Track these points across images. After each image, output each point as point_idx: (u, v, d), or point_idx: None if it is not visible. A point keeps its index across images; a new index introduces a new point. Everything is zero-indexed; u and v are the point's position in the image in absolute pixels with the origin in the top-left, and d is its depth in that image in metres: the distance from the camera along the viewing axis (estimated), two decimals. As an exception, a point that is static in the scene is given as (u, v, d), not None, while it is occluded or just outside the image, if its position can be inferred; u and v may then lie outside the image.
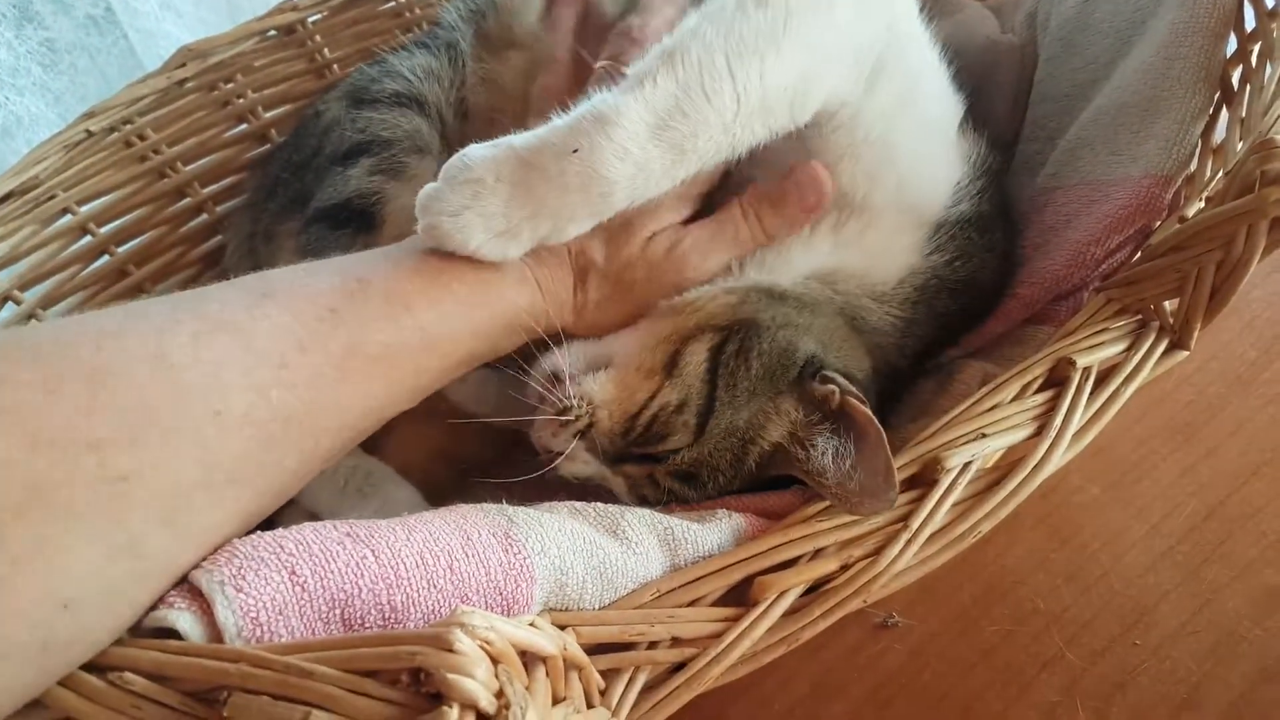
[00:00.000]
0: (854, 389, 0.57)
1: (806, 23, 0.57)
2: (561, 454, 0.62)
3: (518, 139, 0.55)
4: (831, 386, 0.57)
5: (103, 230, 0.96)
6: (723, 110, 0.56)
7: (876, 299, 0.65)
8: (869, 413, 0.54)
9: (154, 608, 0.38)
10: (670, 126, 0.55)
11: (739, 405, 0.59)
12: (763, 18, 0.57)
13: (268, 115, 1.07)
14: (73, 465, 0.37)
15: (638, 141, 0.55)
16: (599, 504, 0.52)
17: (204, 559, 0.41)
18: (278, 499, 0.48)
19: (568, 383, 0.61)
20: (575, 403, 0.61)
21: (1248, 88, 0.63)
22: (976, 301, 0.68)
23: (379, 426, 0.54)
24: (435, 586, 0.40)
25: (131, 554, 0.39)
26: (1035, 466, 0.52)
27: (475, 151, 0.55)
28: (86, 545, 0.37)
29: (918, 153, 0.65)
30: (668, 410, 0.59)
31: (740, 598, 0.49)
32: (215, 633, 0.36)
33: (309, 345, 0.48)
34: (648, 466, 0.61)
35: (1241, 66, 0.64)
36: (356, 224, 0.78)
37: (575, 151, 0.54)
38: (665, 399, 0.59)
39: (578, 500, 0.53)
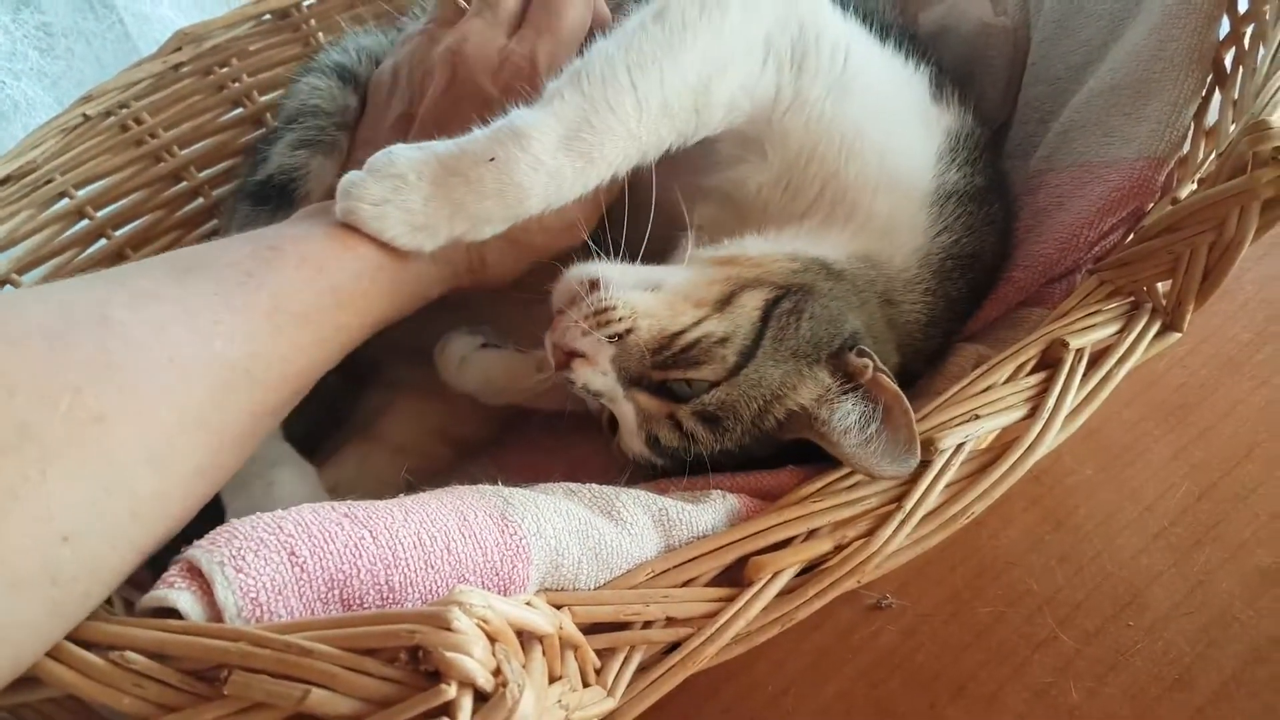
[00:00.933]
0: (885, 367, 0.58)
1: (701, 31, 0.63)
2: (580, 356, 0.61)
3: (440, 145, 0.59)
4: (866, 360, 0.58)
5: (100, 214, 0.96)
6: (626, 119, 0.60)
7: (903, 286, 0.66)
8: (897, 389, 0.55)
9: (153, 587, 0.38)
10: (579, 137, 0.59)
11: (779, 360, 0.59)
12: (660, 31, 0.62)
13: (263, 99, 1.07)
14: (51, 407, 0.39)
15: (549, 152, 0.59)
16: (594, 485, 0.52)
17: (192, 509, 0.46)
18: (241, 449, 0.51)
19: (611, 289, 0.62)
20: (620, 303, 0.61)
21: (1240, 69, 0.63)
22: (981, 278, 0.69)
23: (316, 379, 0.57)
24: (432, 567, 0.40)
25: (124, 492, 0.41)
26: (1028, 448, 0.53)
27: (401, 150, 0.58)
28: (77, 480, 0.39)
29: (880, 123, 0.67)
30: (710, 340, 0.60)
31: (734, 578, 0.49)
32: (215, 612, 0.37)
33: (237, 305, 0.51)
34: (669, 405, 0.60)
35: (1234, 48, 0.64)
36: (276, 201, 0.78)
37: (492, 160, 0.57)
38: (711, 329, 0.60)
39: (572, 481, 0.53)
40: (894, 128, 0.67)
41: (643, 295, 0.62)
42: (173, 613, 0.37)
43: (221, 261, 0.54)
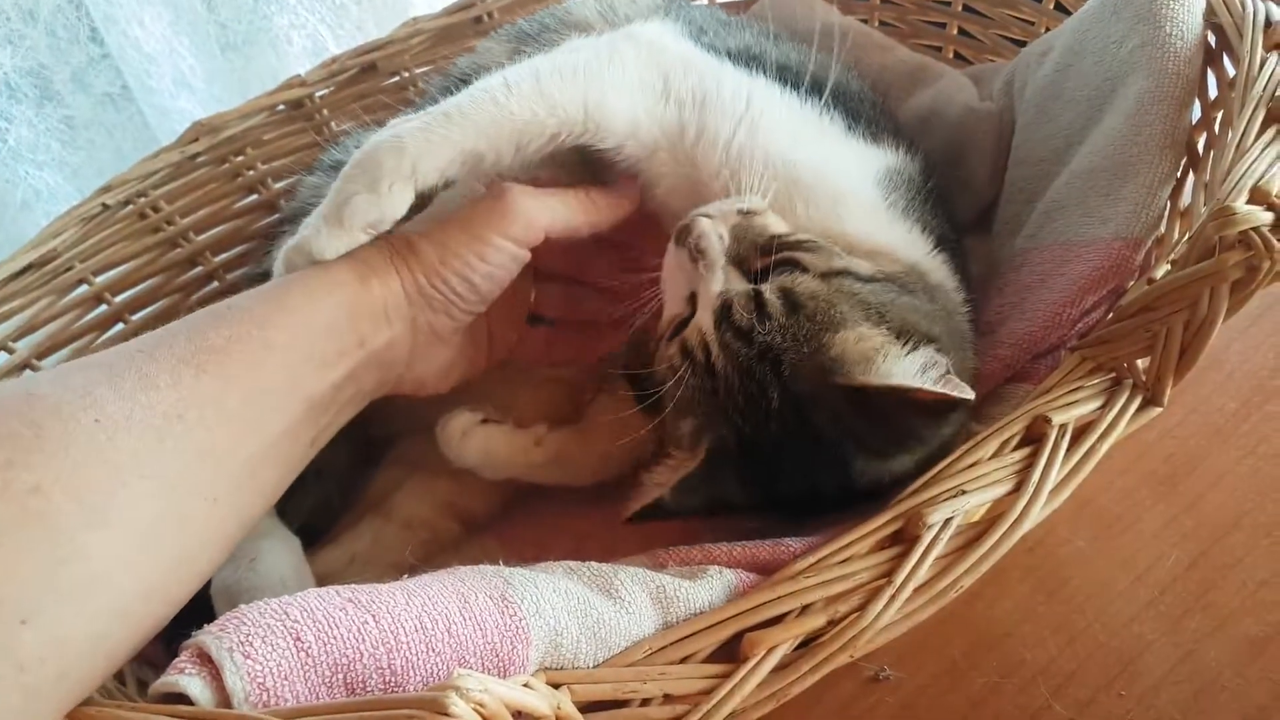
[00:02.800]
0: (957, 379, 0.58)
1: (594, 72, 0.69)
2: (709, 216, 0.65)
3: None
4: (942, 364, 0.59)
5: (118, 299, 0.99)
6: (494, 93, 0.66)
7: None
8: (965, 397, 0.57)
9: (165, 672, 0.40)
10: (444, 113, 0.65)
11: (871, 306, 0.61)
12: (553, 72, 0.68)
13: (277, 185, 1.11)
14: None
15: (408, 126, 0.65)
16: (594, 563, 0.54)
17: (167, 563, 0.47)
18: (198, 495, 0.51)
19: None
20: (760, 199, 0.66)
21: (1212, 153, 0.65)
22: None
23: (280, 408, 0.57)
24: (433, 650, 0.42)
25: (74, 558, 0.42)
26: (1014, 522, 0.54)
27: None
28: (24, 557, 0.40)
29: (795, 139, 0.72)
30: (832, 252, 0.63)
31: (731, 654, 0.50)
32: (224, 697, 0.38)
33: (157, 353, 0.53)
34: (752, 285, 0.63)
35: (1206, 133, 0.67)
36: None
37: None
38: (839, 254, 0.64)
39: (577, 555, 0.55)
40: (809, 149, 0.72)
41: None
42: (183, 698, 0.38)
43: (155, 331, 0.58)
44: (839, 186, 0.70)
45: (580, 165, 0.75)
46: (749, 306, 0.61)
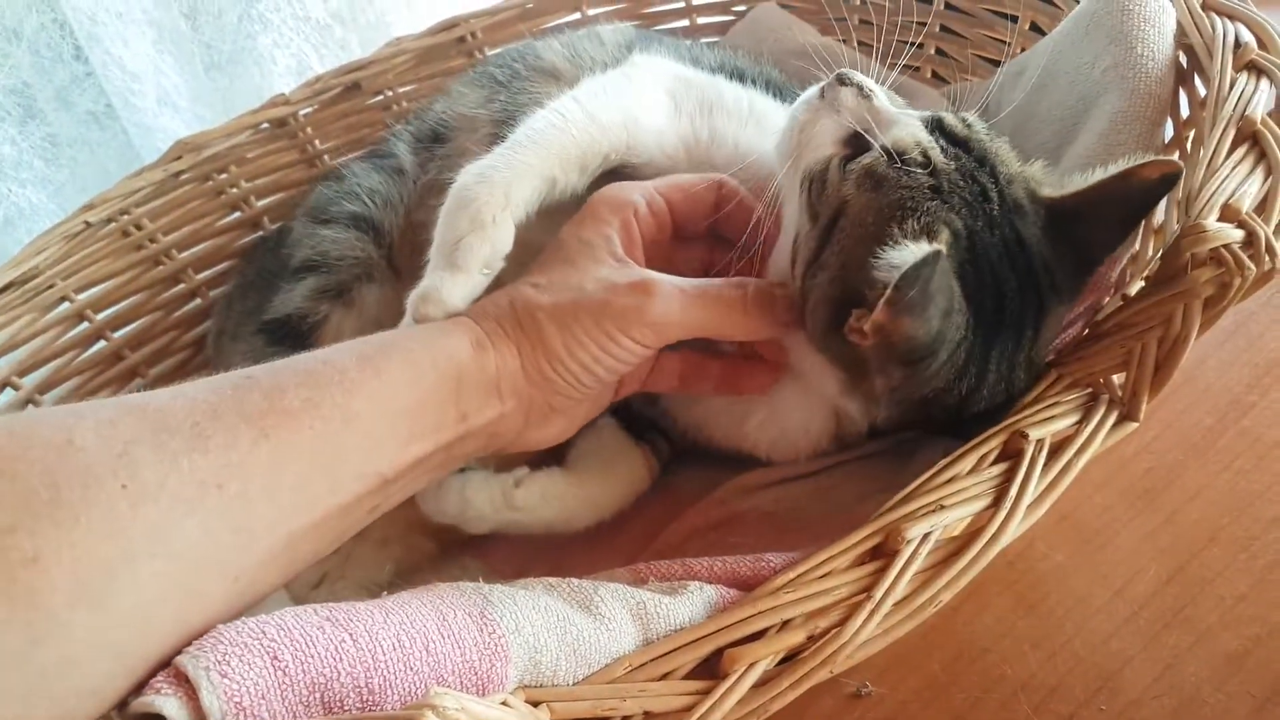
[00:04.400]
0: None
1: (611, 98, 0.75)
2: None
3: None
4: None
5: (99, 317, 1.00)
6: (553, 120, 0.71)
7: None
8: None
9: (140, 692, 0.40)
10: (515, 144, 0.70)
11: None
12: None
13: (260, 204, 1.12)
14: None
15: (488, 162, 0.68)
16: (573, 580, 0.54)
17: (145, 636, 0.42)
18: (219, 574, 0.46)
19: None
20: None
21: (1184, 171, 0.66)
22: None
23: (335, 501, 0.52)
24: (411, 668, 0.42)
25: (52, 638, 0.39)
26: (992, 537, 0.54)
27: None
28: (4, 632, 0.38)
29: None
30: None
31: (711, 670, 0.50)
32: (200, 717, 0.38)
33: (222, 407, 0.48)
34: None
35: (1178, 152, 0.68)
36: (291, 342, 0.81)
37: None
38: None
39: (556, 574, 0.55)
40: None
41: None
42: (160, 718, 0.38)
43: (219, 375, 0.52)
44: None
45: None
46: (961, 122, 0.65)
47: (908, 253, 0.54)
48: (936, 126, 0.64)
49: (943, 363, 0.59)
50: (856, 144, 0.64)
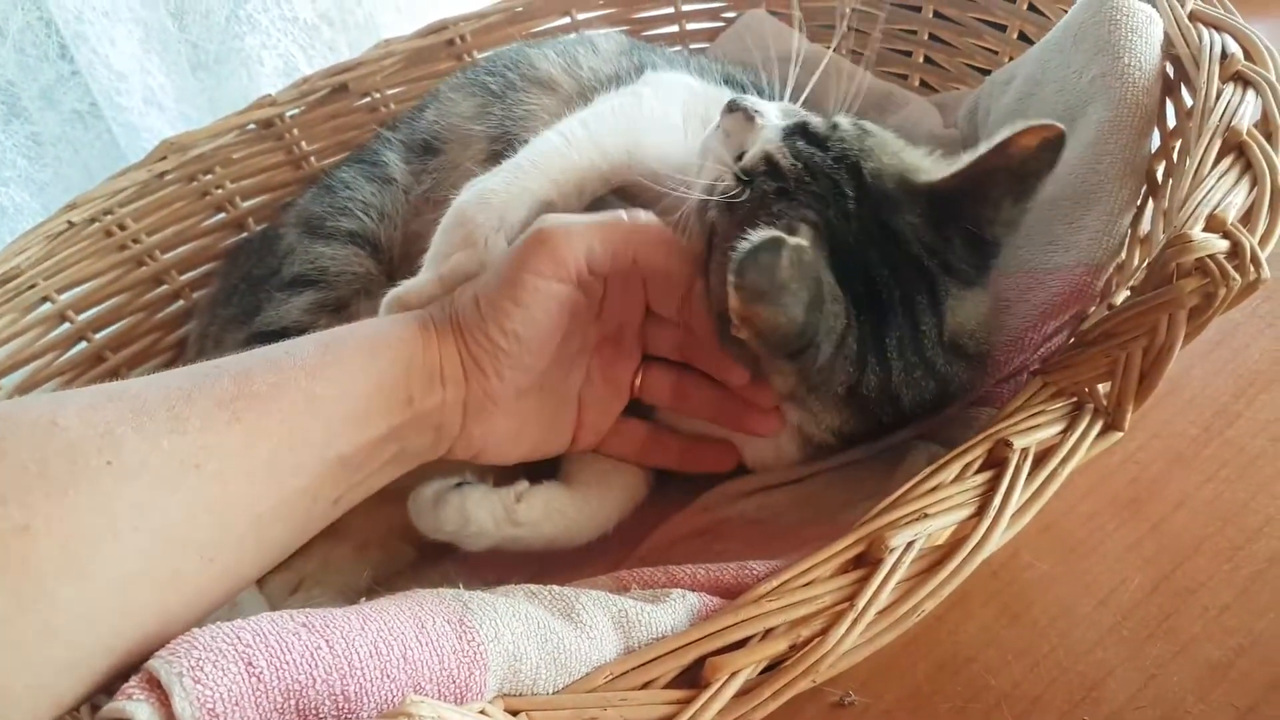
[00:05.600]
0: None
1: (631, 124, 0.77)
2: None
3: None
4: None
5: (81, 317, 0.99)
6: (554, 144, 0.74)
7: None
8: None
9: (111, 697, 0.39)
10: (516, 165, 0.73)
11: None
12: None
13: (245, 205, 1.11)
14: None
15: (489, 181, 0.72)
16: (554, 587, 0.53)
17: (124, 614, 0.45)
18: (195, 553, 0.49)
19: None
20: None
21: (1171, 181, 0.66)
22: None
23: (300, 482, 0.54)
24: (388, 675, 0.41)
25: (36, 606, 0.41)
26: (976, 546, 0.54)
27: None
28: None
29: None
30: None
31: (693, 679, 0.50)
32: (172, 723, 0.37)
33: (195, 394, 0.51)
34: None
35: (1165, 161, 0.68)
36: None
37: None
38: None
39: (539, 580, 0.54)
40: None
41: None
42: (131, 724, 0.38)
43: (195, 364, 0.55)
44: None
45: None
46: (826, 124, 0.67)
47: (747, 242, 0.56)
48: (798, 130, 0.66)
49: (832, 354, 0.61)
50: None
